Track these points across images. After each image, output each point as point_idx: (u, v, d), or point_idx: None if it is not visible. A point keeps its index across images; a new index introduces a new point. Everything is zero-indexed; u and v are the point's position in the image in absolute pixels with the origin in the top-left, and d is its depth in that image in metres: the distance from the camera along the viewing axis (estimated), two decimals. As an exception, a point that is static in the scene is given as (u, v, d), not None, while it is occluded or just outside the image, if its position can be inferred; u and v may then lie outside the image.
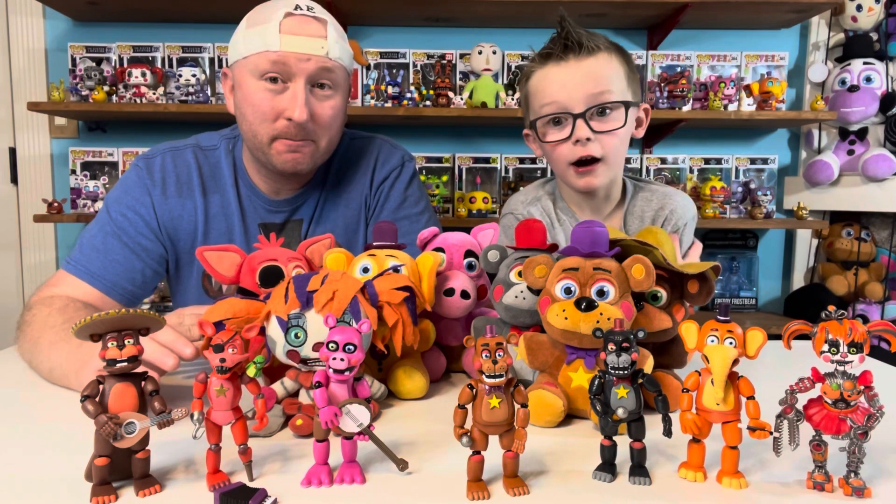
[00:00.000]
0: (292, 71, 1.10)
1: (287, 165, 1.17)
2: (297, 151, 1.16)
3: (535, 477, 0.66)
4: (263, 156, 1.18)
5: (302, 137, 1.14)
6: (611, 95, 1.15)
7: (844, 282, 2.63)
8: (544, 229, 0.95)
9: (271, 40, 1.08)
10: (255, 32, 1.10)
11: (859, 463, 0.62)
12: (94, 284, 1.15)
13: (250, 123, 1.15)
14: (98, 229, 1.21)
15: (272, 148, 1.15)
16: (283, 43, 1.08)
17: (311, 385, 0.67)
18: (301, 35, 1.09)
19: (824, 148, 2.63)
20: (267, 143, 1.15)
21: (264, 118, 1.12)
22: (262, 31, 1.09)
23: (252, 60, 1.10)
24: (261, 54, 1.09)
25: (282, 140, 1.14)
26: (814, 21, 2.64)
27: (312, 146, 1.17)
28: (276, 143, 1.15)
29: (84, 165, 2.56)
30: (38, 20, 2.58)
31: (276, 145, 1.15)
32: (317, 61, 1.10)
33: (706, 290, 0.87)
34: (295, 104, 1.10)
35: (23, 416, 0.86)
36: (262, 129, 1.14)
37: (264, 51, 1.08)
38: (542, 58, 1.19)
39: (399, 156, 1.36)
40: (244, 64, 1.12)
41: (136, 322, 0.62)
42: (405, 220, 1.30)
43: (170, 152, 1.27)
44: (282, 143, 1.14)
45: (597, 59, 1.16)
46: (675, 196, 1.31)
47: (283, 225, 1.29)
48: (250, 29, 1.11)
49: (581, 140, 1.15)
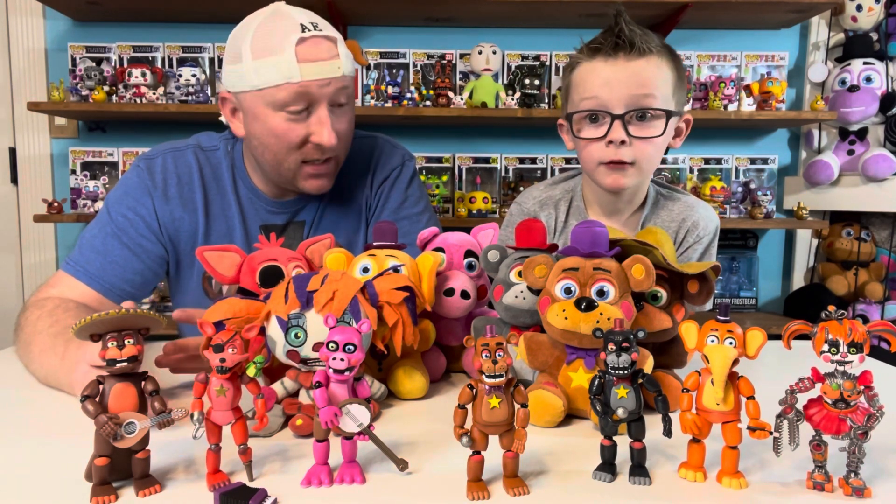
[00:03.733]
0: (315, 98, 1.09)
1: (313, 190, 1.19)
2: (323, 176, 1.18)
3: (535, 477, 0.66)
4: (288, 182, 1.19)
5: (327, 157, 1.16)
6: (654, 101, 1.12)
7: (844, 282, 2.63)
8: (544, 229, 0.95)
9: (291, 72, 1.06)
10: (268, 64, 1.06)
11: (859, 463, 0.62)
12: (92, 286, 1.15)
13: (275, 153, 1.14)
14: (98, 230, 1.20)
15: (299, 174, 1.17)
16: (304, 73, 1.06)
17: (311, 385, 0.67)
18: (318, 61, 1.07)
19: (824, 148, 2.63)
20: (294, 170, 1.16)
21: (290, 147, 1.12)
22: (278, 63, 1.06)
23: (269, 93, 1.08)
24: (280, 87, 1.07)
25: (308, 165, 1.16)
26: (814, 21, 2.64)
27: (333, 164, 1.19)
28: (303, 169, 1.16)
29: (84, 165, 2.56)
30: (38, 20, 2.58)
31: (302, 172, 1.17)
32: (335, 83, 1.10)
33: (706, 290, 0.87)
34: (322, 129, 1.10)
35: (23, 416, 0.86)
36: (290, 157, 1.14)
37: (284, 83, 1.06)
38: (590, 51, 1.15)
39: (399, 155, 1.35)
40: (259, 96, 1.09)
41: (136, 322, 0.62)
42: (405, 220, 1.30)
43: (171, 153, 1.26)
44: (308, 169, 1.16)
45: (647, 62, 1.12)
46: (699, 207, 1.27)
47: (285, 226, 1.28)
48: (260, 59, 1.07)
49: (615, 142, 1.12)
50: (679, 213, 1.26)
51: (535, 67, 2.58)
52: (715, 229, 1.28)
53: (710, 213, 1.29)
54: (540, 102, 2.53)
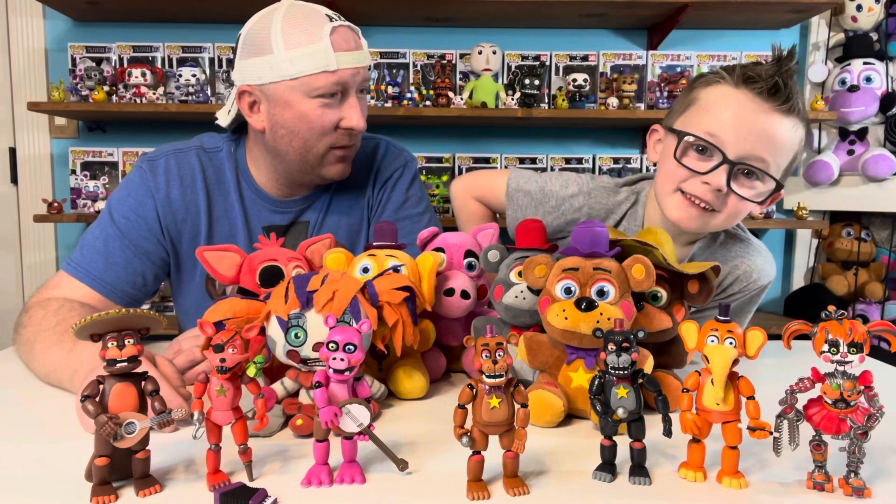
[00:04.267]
0: (348, 85, 1.13)
1: (336, 175, 1.22)
2: (347, 160, 1.21)
3: (535, 477, 0.66)
4: (312, 169, 1.20)
5: (353, 142, 1.19)
6: (768, 166, 1.04)
7: (844, 282, 2.62)
8: (544, 229, 0.95)
9: (328, 60, 1.09)
10: (305, 53, 1.08)
11: (859, 463, 0.62)
12: (93, 286, 1.15)
13: (305, 140, 1.15)
14: (100, 231, 1.20)
15: (327, 159, 1.19)
16: (340, 61, 1.10)
17: (311, 385, 0.67)
18: (351, 50, 1.12)
19: (824, 148, 2.63)
20: (323, 155, 1.18)
21: (322, 132, 1.15)
22: (315, 52, 1.08)
23: (305, 81, 1.10)
24: (318, 75, 1.09)
25: (335, 150, 1.18)
26: (814, 21, 2.64)
27: (355, 149, 1.22)
28: (331, 153, 1.18)
29: (84, 165, 2.56)
30: (38, 20, 2.58)
31: (330, 157, 1.18)
32: (363, 72, 1.15)
33: (706, 290, 0.87)
34: (353, 114, 1.14)
35: (23, 416, 0.86)
36: (319, 142, 1.16)
37: (322, 71, 1.09)
38: (743, 78, 1.03)
39: (402, 157, 1.36)
40: (294, 85, 1.11)
41: (136, 322, 0.62)
42: (406, 221, 1.30)
43: (173, 154, 1.26)
44: (334, 153, 1.18)
45: (789, 123, 1.03)
46: (757, 257, 1.18)
47: (289, 227, 1.28)
48: (295, 49, 1.08)
49: (712, 185, 1.04)
50: (734, 256, 1.18)
51: (535, 67, 2.58)
52: (766, 285, 1.19)
53: (768, 266, 1.19)
54: (540, 102, 2.53)
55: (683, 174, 1.08)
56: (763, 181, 1.06)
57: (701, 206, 1.07)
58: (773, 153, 1.03)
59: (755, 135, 1.02)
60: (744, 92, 1.03)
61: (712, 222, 1.10)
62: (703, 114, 1.07)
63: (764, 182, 1.06)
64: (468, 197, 1.44)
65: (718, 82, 1.07)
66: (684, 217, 1.09)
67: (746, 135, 1.02)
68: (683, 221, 1.09)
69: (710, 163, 1.05)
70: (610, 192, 1.26)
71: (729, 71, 1.07)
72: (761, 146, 1.03)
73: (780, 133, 1.03)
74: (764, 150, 1.03)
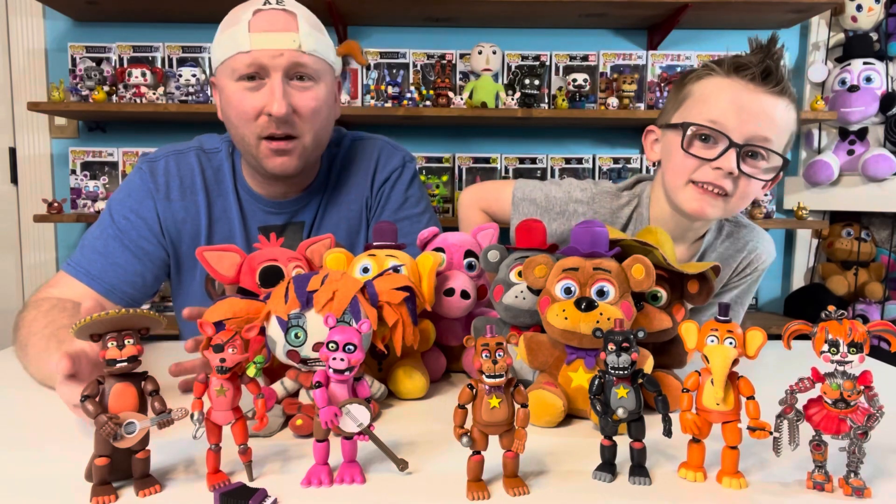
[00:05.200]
0: (267, 68, 1.09)
1: (277, 169, 1.15)
2: (285, 154, 1.14)
3: (535, 477, 0.66)
4: (254, 160, 1.17)
5: (286, 133, 1.12)
6: (772, 144, 1.08)
7: (844, 282, 2.63)
8: (544, 229, 0.95)
9: (242, 41, 1.08)
10: (227, 36, 1.10)
11: (859, 463, 0.62)
12: (93, 286, 1.15)
13: (235, 126, 1.15)
14: (100, 232, 1.21)
15: (260, 151, 1.14)
16: (254, 42, 1.08)
17: (311, 385, 0.67)
18: (271, 31, 1.09)
19: (824, 148, 2.63)
20: (255, 146, 1.14)
21: (247, 118, 1.12)
22: (234, 34, 1.09)
23: (228, 64, 1.11)
24: (235, 57, 1.09)
25: (267, 141, 1.13)
26: (814, 21, 2.64)
27: (298, 144, 1.15)
28: (262, 145, 1.13)
29: (84, 165, 2.56)
30: (38, 20, 2.58)
31: (262, 148, 1.13)
32: (290, 55, 1.09)
33: (706, 290, 0.87)
34: (272, 98, 1.08)
35: (23, 416, 0.86)
36: (247, 130, 1.13)
37: (237, 53, 1.09)
38: (733, 67, 1.08)
39: (400, 157, 1.35)
40: (222, 69, 1.13)
41: (136, 322, 0.62)
42: (406, 221, 1.30)
43: (173, 156, 1.27)
44: (267, 145, 1.13)
45: (784, 104, 1.08)
46: (764, 240, 1.26)
47: (284, 227, 1.28)
48: (223, 33, 1.11)
49: (724, 170, 1.07)
50: (745, 241, 1.25)
51: (535, 67, 2.58)
52: (771, 263, 1.27)
53: (772, 246, 1.28)
54: (540, 102, 2.53)
55: (693, 164, 1.10)
56: (768, 160, 1.10)
57: (714, 192, 1.10)
58: (775, 131, 1.08)
59: (756, 117, 1.06)
60: (736, 80, 1.08)
61: (727, 207, 1.12)
62: (702, 104, 1.10)
63: (769, 160, 1.10)
64: (475, 208, 1.45)
65: (710, 74, 1.11)
66: (701, 206, 1.11)
67: (748, 118, 1.06)
68: (702, 211, 1.12)
69: (717, 149, 1.08)
70: (612, 196, 1.28)
71: (718, 63, 1.11)
72: (764, 127, 1.07)
73: (778, 113, 1.08)
74: (766, 130, 1.07)
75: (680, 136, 1.11)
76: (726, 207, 1.12)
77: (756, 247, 1.25)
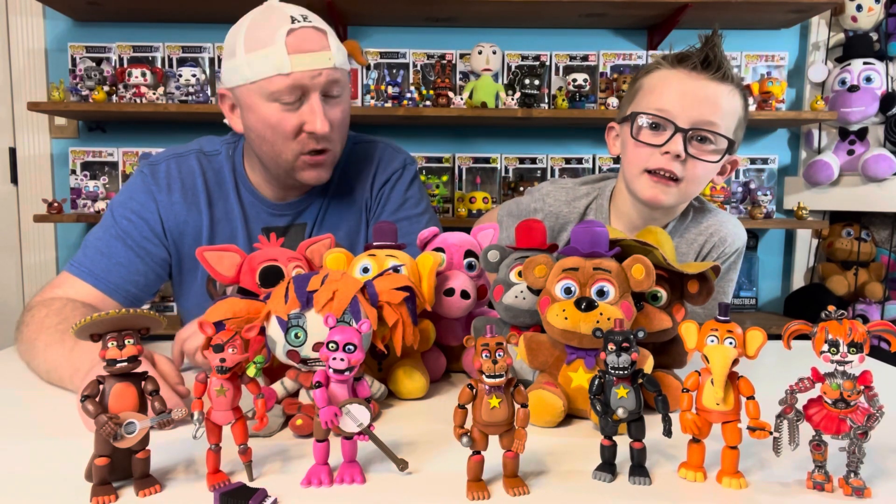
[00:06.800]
0: (307, 88, 1.10)
1: (312, 180, 1.20)
2: (320, 166, 1.18)
3: (535, 477, 0.66)
4: (285, 174, 1.19)
5: (323, 147, 1.16)
6: (718, 128, 1.13)
7: (844, 282, 2.62)
8: (544, 229, 0.95)
9: (282, 63, 1.07)
10: (260, 56, 1.08)
11: (859, 463, 0.62)
12: (96, 286, 1.16)
13: (272, 144, 1.15)
14: (103, 232, 1.22)
15: (297, 165, 1.17)
16: (294, 63, 1.08)
17: (311, 385, 0.67)
18: (308, 52, 1.09)
19: (824, 148, 2.63)
20: (292, 161, 1.16)
21: (287, 137, 1.13)
22: (268, 55, 1.08)
23: (261, 85, 1.10)
24: (272, 79, 1.09)
25: (305, 156, 1.16)
26: (814, 21, 2.64)
27: (331, 155, 1.19)
28: (300, 160, 1.16)
29: (84, 165, 2.56)
30: (38, 20, 2.58)
31: (300, 163, 1.17)
32: (327, 74, 1.11)
33: (706, 290, 0.87)
34: (315, 117, 1.11)
35: (23, 416, 0.86)
36: (286, 147, 1.15)
37: (276, 75, 1.08)
38: (676, 59, 1.15)
39: (401, 159, 1.37)
40: (253, 89, 1.11)
41: (136, 322, 0.62)
42: (405, 221, 1.30)
43: (174, 159, 1.28)
44: (305, 159, 1.16)
45: (727, 89, 1.13)
46: (728, 224, 1.28)
47: (287, 229, 1.29)
48: (252, 53, 1.09)
49: (671, 154, 1.12)
50: (707, 227, 1.27)
51: (535, 67, 2.58)
52: (741, 247, 1.28)
53: (740, 230, 1.29)
54: (540, 102, 2.53)
55: (645, 153, 1.16)
56: (716, 143, 1.14)
57: (666, 177, 1.15)
58: (719, 115, 1.12)
59: (699, 101, 1.12)
60: (680, 70, 1.14)
61: (681, 192, 1.17)
62: (650, 96, 1.17)
63: (717, 143, 1.14)
64: None
65: (657, 68, 1.18)
66: (655, 193, 1.16)
67: (691, 103, 1.12)
68: (656, 198, 1.16)
69: (665, 135, 1.13)
70: (568, 191, 1.34)
71: (664, 57, 1.18)
72: (707, 111, 1.12)
73: (720, 98, 1.13)
74: (710, 114, 1.12)
75: (630, 126, 1.17)
76: (680, 193, 1.17)
77: (719, 230, 1.26)
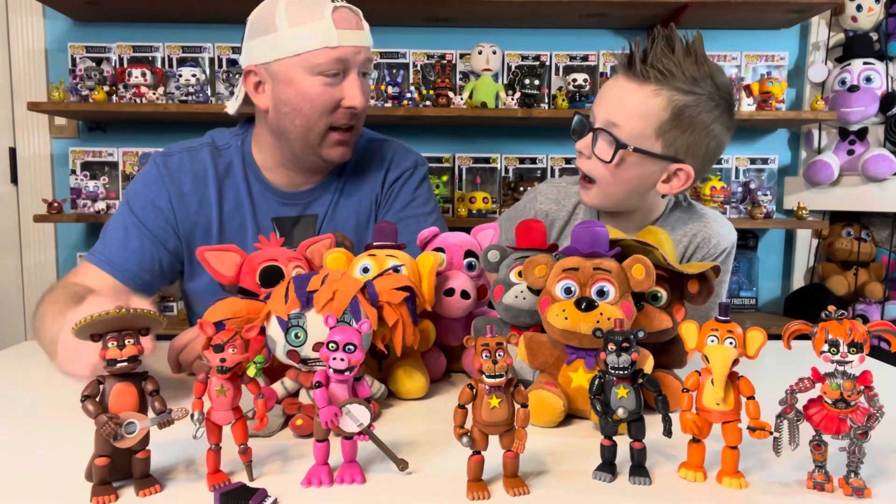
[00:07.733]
0: (349, 63, 1.15)
1: (337, 157, 1.23)
2: (346, 144, 1.23)
3: (535, 477, 0.67)
4: (311, 151, 1.22)
5: (353, 124, 1.21)
6: (616, 130, 1.10)
7: (844, 282, 2.62)
8: (544, 229, 0.95)
9: (330, 36, 1.12)
10: (307, 30, 1.12)
11: (859, 463, 0.62)
12: (114, 274, 1.20)
13: (307, 118, 1.18)
14: (119, 221, 1.26)
15: (326, 141, 1.20)
16: (342, 38, 1.13)
17: (311, 385, 0.67)
18: (353, 29, 1.15)
19: (824, 148, 2.63)
20: (322, 136, 1.20)
21: (324, 111, 1.17)
22: (316, 29, 1.12)
23: (306, 57, 1.13)
24: (320, 51, 1.12)
25: (335, 132, 1.20)
26: (814, 21, 2.64)
27: (355, 133, 1.24)
28: (330, 136, 1.20)
29: (84, 165, 2.56)
30: (38, 20, 2.58)
31: (329, 139, 1.20)
32: (365, 52, 1.17)
33: (706, 290, 0.87)
34: (354, 93, 1.16)
35: (23, 415, 0.86)
36: (320, 121, 1.18)
37: (324, 47, 1.12)
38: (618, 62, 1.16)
39: (412, 159, 1.40)
40: (296, 61, 1.14)
41: (136, 322, 0.62)
42: (412, 219, 1.33)
43: (187, 151, 1.31)
44: (334, 136, 1.20)
45: (639, 89, 1.09)
46: (714, 223, 1.24)
47: (297, 219, 1.31)
48: (298, 27, 1.13)
49: (578, 152, 1.17)
50: (693, 227, 1.25)
51: (535, 67, 2.58)
52: (730, 247, 1.25)
53: (727, 230, 1.26)
54: (540, 102, 2.53)
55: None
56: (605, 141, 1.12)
57: (584, 179, 1.19)
58: (623, 117, 1.10)
59: (607, 101, 1.14)
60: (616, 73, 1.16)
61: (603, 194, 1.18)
62: None
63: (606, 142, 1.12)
64: None
65: None
66: (582, 195, 1.22)
67: (602, 104, 1.15)
68: (584, 200, 1.22)
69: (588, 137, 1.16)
70: (559, 189, 1.36)
71: None
72: (612, 111, 1.12)
73: (631, 98, 1.10)
74: (614, 115, 1.11)
75: None
76: (601, 193, 1.18)
77: (702, 230, 1.24)
